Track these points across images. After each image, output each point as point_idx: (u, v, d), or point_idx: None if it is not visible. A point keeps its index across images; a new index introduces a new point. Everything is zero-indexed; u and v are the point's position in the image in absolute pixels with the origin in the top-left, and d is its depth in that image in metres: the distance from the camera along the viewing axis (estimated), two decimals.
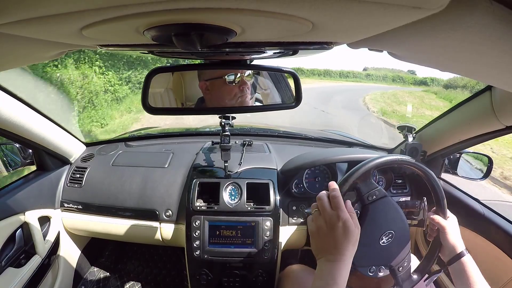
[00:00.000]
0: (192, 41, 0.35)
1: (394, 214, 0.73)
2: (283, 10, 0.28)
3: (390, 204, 0.73)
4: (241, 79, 0.75)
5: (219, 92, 0.76)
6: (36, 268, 1.03)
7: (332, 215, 0.58)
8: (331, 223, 0.57)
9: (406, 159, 0.72)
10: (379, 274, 0.72)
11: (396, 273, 0.73)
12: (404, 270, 0.74)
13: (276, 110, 0.82)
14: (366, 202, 0.71)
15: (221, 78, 0.74)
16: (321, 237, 0.59)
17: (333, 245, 0.57)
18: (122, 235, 1.20)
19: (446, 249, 0.73)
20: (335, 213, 0.58)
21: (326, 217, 0.58)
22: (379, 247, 0.71)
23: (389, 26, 0.34)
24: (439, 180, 0.74)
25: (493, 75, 0.46)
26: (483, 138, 0.89)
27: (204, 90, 0.76)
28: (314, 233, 0.60)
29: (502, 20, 0.27)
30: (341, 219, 0.57)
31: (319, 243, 0.59)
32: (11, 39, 0.36)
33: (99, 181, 1.18)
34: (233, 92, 0.75)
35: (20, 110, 0.90)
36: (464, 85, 15.55)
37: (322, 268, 0.56)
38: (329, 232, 0.57)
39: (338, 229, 0.57)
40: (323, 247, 0.58)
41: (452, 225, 0.73)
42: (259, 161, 1.16)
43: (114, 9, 0.27)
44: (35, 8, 0.26)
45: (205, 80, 0.75)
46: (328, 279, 0.54)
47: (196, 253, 1.01)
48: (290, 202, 1.08)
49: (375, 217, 0.71)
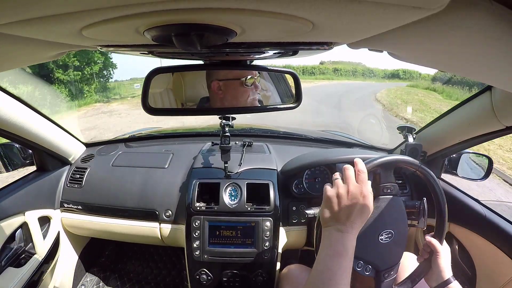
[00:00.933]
0: (192, 42, 0.35)
1: (399, 216, 0.73)
2: (283, 10, 0.28)
3: (399, 205, 0.73)
4: (254, 81, 0.75)
5: (234, 92, 0.75)
6: (36, 268, 1.03)
7: (356, 187, 0.58)
8: (353, 194, 0.57)
9: (427, 172, 0.72)
10: (365, 273, 0.71)
11: (380, 279, 0.72)
12: (388, 278, 0.73)
13: (276, 110, 0.82)
14: (380, 193, 0.71)
15: (239, 79, 0.74)
16: (337, 205, 0.58)
17: (347, 216, 0.56)
18: (122, 235, 1.19)
19: (434, 274, 0.72)
20: (360, 186, 0.58)
21: (350, 187, 0.58)
22: (376, 243, 0.71)
23: (389, 26, 0.34)
24: (445, 206, 0.74)
25: (493, 75, 0.46)
26: (483, 139, 0.89)
27: (215, 90, 0.75)
28: (331, 199, 0.59)
29: (502, 20, 0.27)
30: (363, 194, 0.57)
31: (334, 211, 0.58)
32: (11, 39, 0.36)
33: (99, 182, 1.18)
34: (247, 94, 0.75)
35: (20, 111, 0.90)
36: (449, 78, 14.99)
37: (331, 237, 0.55)
38: (348, 202, 0.57)
39: (358, 203, 0.57)
40: (336, 216, 0.57)
41: (445, 251, 0.73)
42: (259, 162, 1.16)
43: (114, 9, 0.27)
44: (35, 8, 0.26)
45: (218, 79, 0.75)
46: (339, 248, 0.53)
47: (196, 253, 1.01)
48: (290, 202, 1.08)
49: (383, 212, 0.70)
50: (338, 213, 0.57)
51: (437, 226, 0.75)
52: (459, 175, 1.11)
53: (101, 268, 1.55)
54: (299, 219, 1.07)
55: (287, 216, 1.07)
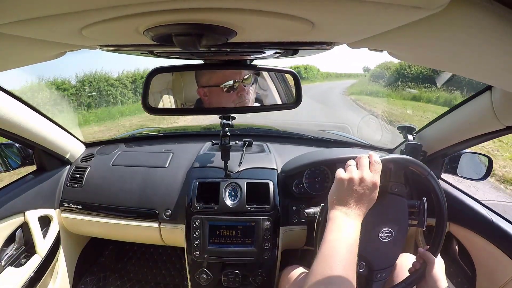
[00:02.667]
0: (192, 41, 0.35)
1: (401, 217, 0.74)
2: (283, 10, 0.28)
3: (403, 206, 0.74)
4: (239, 85, 0.74)
5: (217, 98, 0.75)
6: (36, 268, 1.03)
7: (369, 175, 0.58)
8: (366, 182, 0.58)
9: (431, 176, 0.72)
10: (359, 270, 0.71)
11: (372, 279, 0.72)
12: (380, 279, 0.73)
13: (276, 110, 0.82)
14: (387, 190, 0.71)
15: (218, 86, 0.72)
16: (347, 188, 0.58)
17: (355, 201, 0.56)
18: (122, 235, 1.19)
19: (428, 285, 0.71)
20: (373, 176, 0.59)
21: (364, 174, 0.58)
22: (375, 239, 0.71)
23: (389, 26, 0.34)
24: (445, 213, 0.74)
25: (493, 75, 0.46)
26: (483, 138, 0.89)
27: (202, 96, 0.75)
28: (344, 181, 0.59)
29: (502, 20, 0.27)
30: (375, 183, 0.58)
31: (343, 193, 0.58)
32: (11, 39, 0.36)
33: (99, 181, 1.18)
34: (231, 99, 0.75)
35: (20, 110, 0.90)
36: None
37: (339, 221, 0.55)
38: (360, 188, 0.57)
39: (368, 190, 0.57)
40: (345, 199, 0.57)
41: (439, 263, 0.73)
42: (259, 161, 1.16)
43: (114, 9, 0.27)
44: (35, 8, 0.26)
45: (202, 86, 0.74)
46: (348, 231, 0.53)
47: (196, 253, 1.01)
48: (290, 202, 1.08)
49: (387, 209, 0.71)
50: (348, 198, 0.57)
51: (433, 242, 0.76)
52: (459, 175, 1.11)
53: (101, 268, 1.55)
54: (299, 218, 1.07)
55: (287, 215, 1.07)
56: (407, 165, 0.72)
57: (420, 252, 0.75)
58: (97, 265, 1.54)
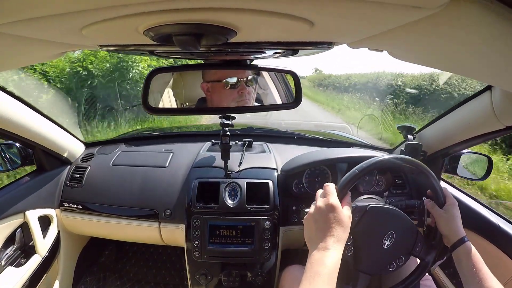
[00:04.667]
0: (192, 41, 0.35)
1: (389, 215, 0.72)
2: (283, 10, 0.28)
3: (382, 209, 0.72)
4: (241, 84, 0.75)
5: (218, 94, 0.76)
6: (36, 268, 1.03)
7: (322, 201, 0.60)
8: (320, 209, 0.59)
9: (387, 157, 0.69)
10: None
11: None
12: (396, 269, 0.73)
13: (276, 110, 0.82)
14: (359, 199, 0.72)
15: (220, 82, 0.74)
16: (313, 225, 0.59)
17: (324, 232, 0.56)
18: (122, 235, 1.19)
19: (445, 238, 0.73)
20: (326, 199, 0.59)
21: (318, 203, 0.60)
22: (383, 251, 0.70)
23: (389, 26, 0.34)
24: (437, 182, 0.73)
25: (493, 74, 0.46)
26: (483, 138, 0.89)
27: (205, 91, 0.76)
28: (306, 221, 0.61)
29: (502, 19, 0.27)
30: (330, 205, 0.58)
31: (311, 231, 0.59)
32: (11, 39, 0.36)
33: (99, 181, 1.18)
34: (232, 96, 0.76)
35: (20, 110, 0.90)
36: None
37: (311, 258, 0.55)
38: (319, 217, 0.58)
39: (328, 214, 0.57)
40: (314, 235, 0.58)
41: (449, 213, 0.72)
42: (259, 161, 1.16)
43: (114, 9, 0.27)
44: (35, 7, 0.26)
45: (206, 81, 0.75)
46: (317, 268, 0.53)
47: (196, 253, 1.01)
48: (290, 202, 1.08)
49: (375, 222, 0.70)
50: (315, 233, 0.58)
51: (433, 191, 0.75)
52: (459, 175, 1.11)
53: (101, 268, 1.55)
54: (299, 218, 1.06)
55: (287, 215, 1.07)
56: (375, 168, 0.68)
57: (426, 206, 0.75)
58: (97, 265, 1.54)
